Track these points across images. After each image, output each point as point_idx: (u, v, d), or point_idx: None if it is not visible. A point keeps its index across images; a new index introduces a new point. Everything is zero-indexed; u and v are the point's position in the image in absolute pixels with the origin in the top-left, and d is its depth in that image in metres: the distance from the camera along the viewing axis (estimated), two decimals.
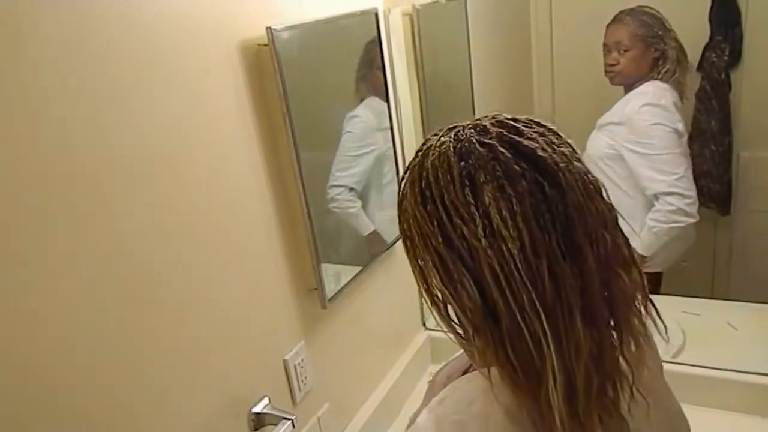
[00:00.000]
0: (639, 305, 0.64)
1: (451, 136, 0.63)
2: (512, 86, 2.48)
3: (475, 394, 0.64)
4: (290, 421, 1.12)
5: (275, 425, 1.12)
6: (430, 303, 0.66)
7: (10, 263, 0.73)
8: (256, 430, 1.14)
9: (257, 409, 1.14)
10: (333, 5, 1.30)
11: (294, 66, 1.12)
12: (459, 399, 0.65)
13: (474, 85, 1.90)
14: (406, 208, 0.65)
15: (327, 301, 1.26)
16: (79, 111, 0.80)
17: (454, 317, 0.64)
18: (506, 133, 0.60)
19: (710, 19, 2.21)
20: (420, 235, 0.63)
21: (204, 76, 1.00)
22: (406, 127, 1.62)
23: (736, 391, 1.46)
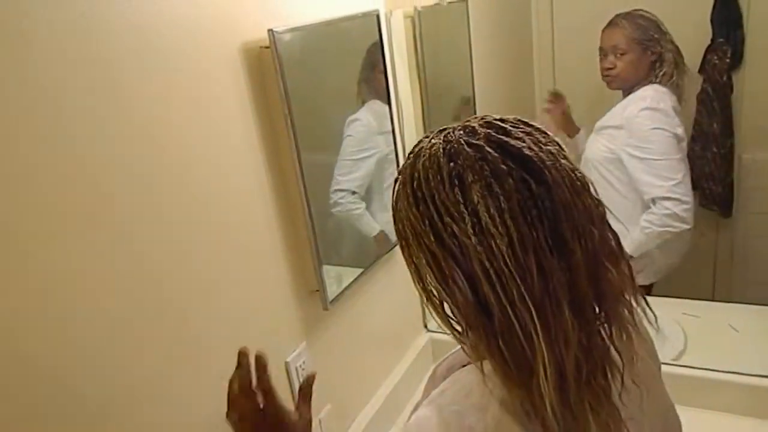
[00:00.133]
0: (628, 297, 0.66)
1: (441, 138, 0.64)
2: (514, 88, 2.48)
3: (473, 386, 0.66)
4: None
5: None
6: (426, 300, 0.67)
7: (10, 263, 0.73)
8: None
9: None
10: (334, 7, 1.30)
11: (296, 68, 1.12)
12: (458, 390, 0.68)
13: (475, 88, 1.91)
14: (400, 209, 0.66)
15: (329, 302, 1.26)
16: (80, 112, 0.80)
17: (450, 313, 0.66)
18: (494, 134, 0.62)
19: (712, 21, 2.22)
20: (414, 235, 0.64)
21: (205, 78, 1.00)
22: (407, 129, 1.62)
23: (738, 393, 1.46)
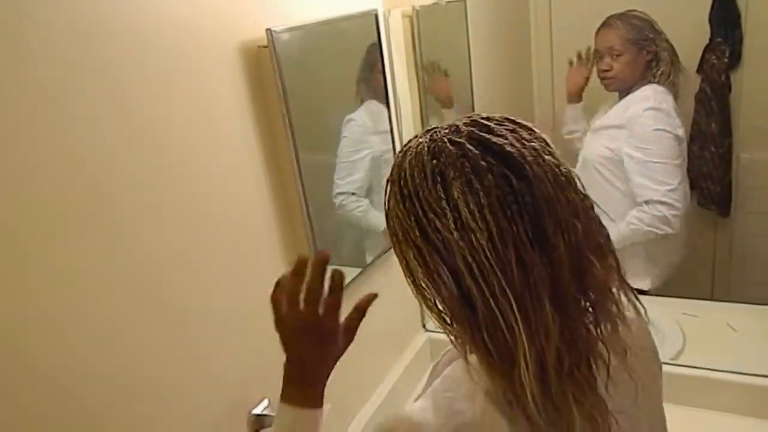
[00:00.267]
0: (616, 290, 0.67)
1: (427, 137, 0.66)
2: (512, 87, 2.48)
3: (464, 376, 0.68)
4: None
5: None
6: (416, 294, 0.70)
7: (10, 263, 0.73)
8: (256, 431, 1.14)
9: (257, 410, 1.13)
10: (333, 7, 1.30)
11: (294, 67, 1.12)
12: (452, 379, 0.71)
13: (474, 87, 1.91)
14: (390, 207, 0.69)
15: None
16: (79, 112, 0.80)
17: (440, 307, 0.68)
18: (476, 131, 0.64)
19: (710, 20, 2.21)
20: (402, 231, 0.66)
21: (204, 78, 1.00)
22: (406, 129, 1.61)
23: (736, 392, 1.46)
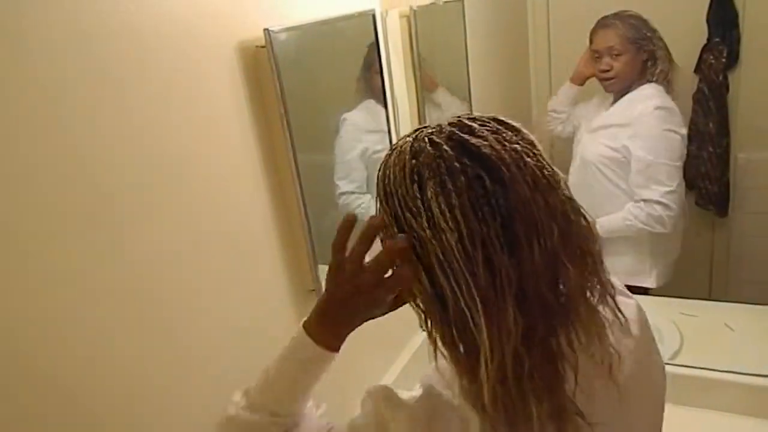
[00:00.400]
0: (594, 297, 0.66)
1: (412, 137, 0.67)
2: (510, 87, 2.48)
3: (446, 368, 0.70)
4: None
5: None
6: None
7: (11, 263, 0.73)
8: None
9: None
10: (330, 7, 1.30)
11: (291, 67, 1.12)
12: (437, 370, 0.72)
13: (471, 87, 1.91)
14: (377, 203, 0.70)
15: None
16: (78, 112, 0.80)
17: (417, 302, 0.70)
18: (457, 132, 0.64)
19: (708, 20, 2.22)
20: (383, 227, 0.68)
21: (202, 78, 1.00)
22: (403, 128, 1.61)
23: (734, 392, 1.46)
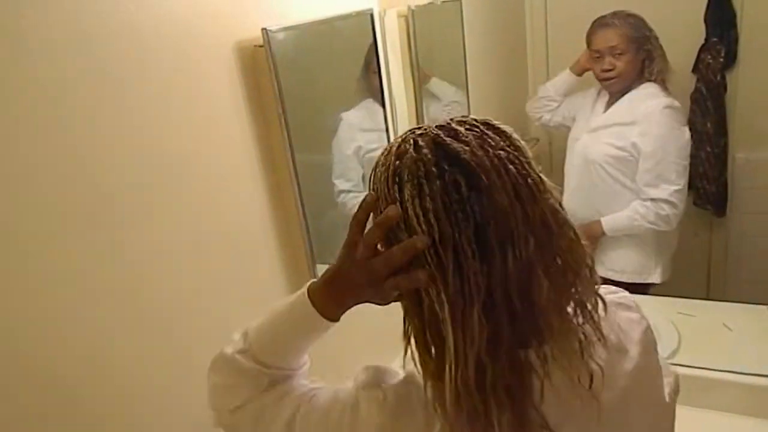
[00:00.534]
0: (577, 312, 0.65)
1: (402, 138, 0.67)
2: (508, 87, 2.48)
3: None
4: None
5: None
6: None
7: (11, 263, 0.73)
8: None
9: None
10: (328, 6, 1.30)
11: (289, 67, 1.11)
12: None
13: (470, 86, 1.91)
14: None
15: None
16: (78, 111, 0.80)
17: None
18: (442, 136, 0.63)
19: (705, 20, 2.22)
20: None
21: (200, 77, 1.00)
22: (401, 128, 1.61)
23: (732, 392, 1.46)
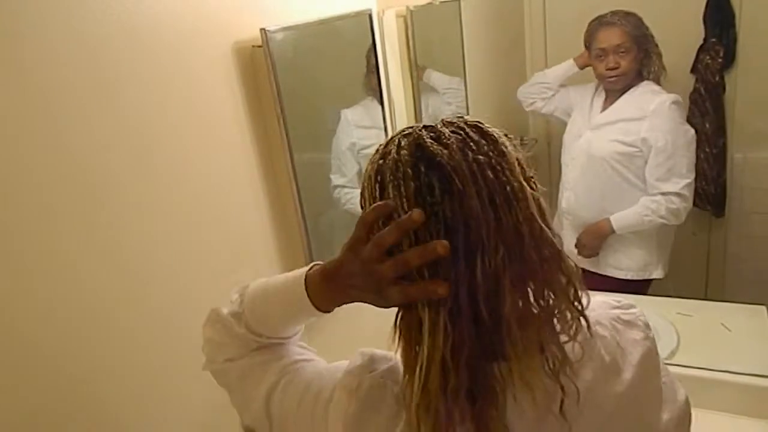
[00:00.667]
0: (543, 326, 0.63)
1: (389, 139, 0.68)
2: (506, 87, 2.48)
3: None
4: None
5: None
6: None
7: (10, 263, 0.73)
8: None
9: None
10: (327, 6, 1.30)
11: (288, 67, 1.11)
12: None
13: (468, 87, 1.91)
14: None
15: None
16: (77, 112, 0.80)
17: None
18: (424, 137, 0.63)
19: (704, 20, 2.21)
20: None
21: (198, 78, 1.00)
22: (399, 126, 1.61)
23: (730, 392, 1.46)
